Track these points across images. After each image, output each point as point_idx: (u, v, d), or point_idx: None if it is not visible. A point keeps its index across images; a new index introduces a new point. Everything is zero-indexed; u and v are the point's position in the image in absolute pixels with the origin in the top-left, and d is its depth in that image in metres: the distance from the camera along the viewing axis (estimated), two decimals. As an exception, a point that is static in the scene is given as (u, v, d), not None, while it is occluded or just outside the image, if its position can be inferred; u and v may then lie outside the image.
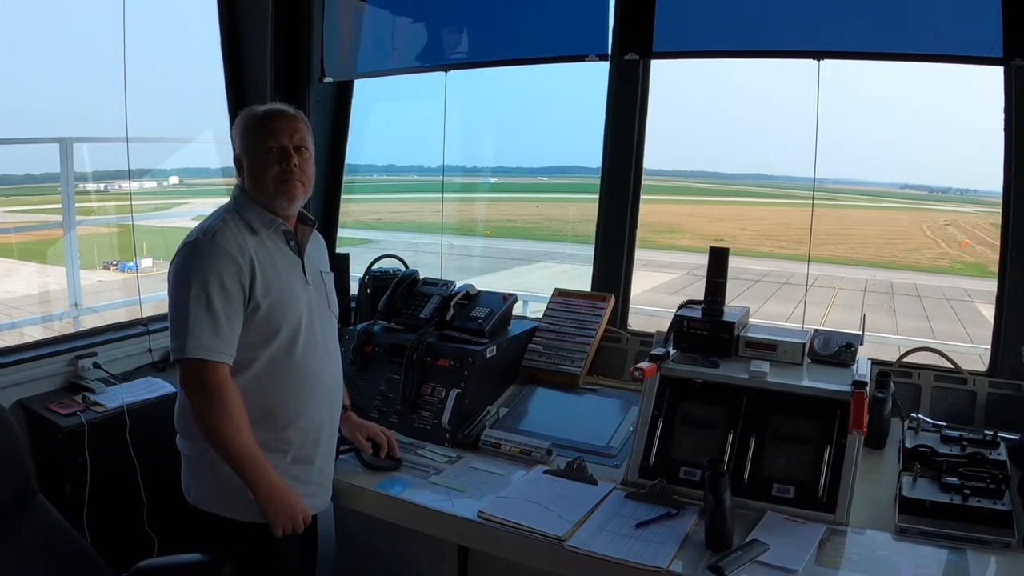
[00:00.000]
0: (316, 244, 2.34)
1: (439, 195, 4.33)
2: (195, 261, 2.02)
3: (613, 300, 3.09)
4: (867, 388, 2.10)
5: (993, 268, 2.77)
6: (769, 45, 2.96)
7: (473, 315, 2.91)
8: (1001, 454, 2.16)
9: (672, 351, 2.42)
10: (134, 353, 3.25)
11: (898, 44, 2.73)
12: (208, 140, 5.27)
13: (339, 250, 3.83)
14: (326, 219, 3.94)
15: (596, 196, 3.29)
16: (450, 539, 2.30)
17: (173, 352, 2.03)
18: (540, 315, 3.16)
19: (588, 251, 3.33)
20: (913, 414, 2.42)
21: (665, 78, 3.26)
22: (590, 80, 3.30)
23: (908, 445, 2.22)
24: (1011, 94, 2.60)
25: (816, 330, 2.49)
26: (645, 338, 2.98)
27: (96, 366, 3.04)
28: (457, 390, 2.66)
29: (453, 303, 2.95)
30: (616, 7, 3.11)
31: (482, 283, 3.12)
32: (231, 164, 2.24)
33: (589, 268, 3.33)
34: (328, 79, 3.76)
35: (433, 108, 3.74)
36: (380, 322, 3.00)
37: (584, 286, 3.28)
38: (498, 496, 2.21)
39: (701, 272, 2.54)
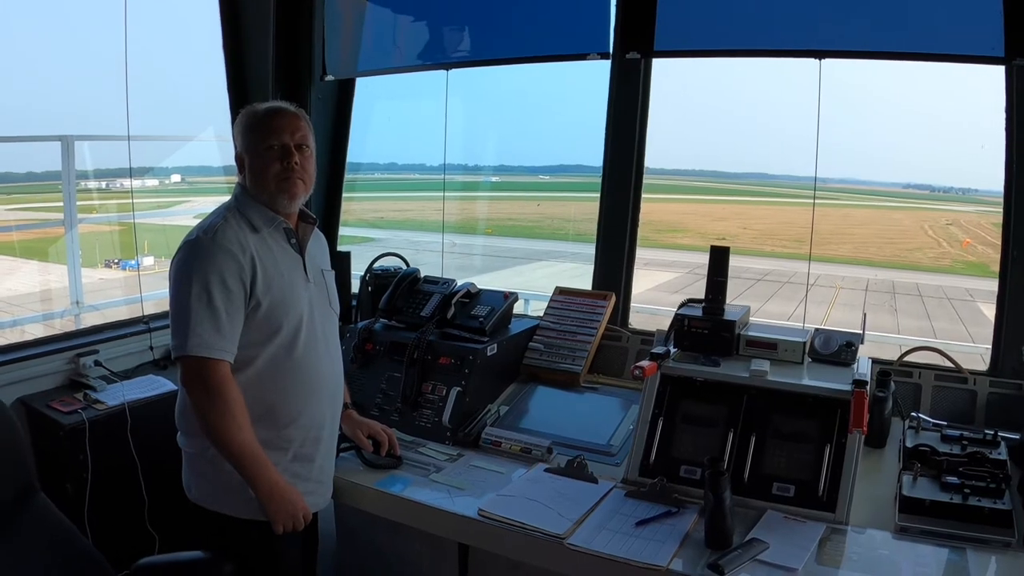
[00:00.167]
0: (317, 242, 2.34)
1: (440, 193, 4.33)
2: (196, 259, 2.02)
3: (614, 299, 3.09)
4: (867, 387, 2.10)
5: (994, 268, 2.77)
6: (770, 44, 2.96)
7: (474, 313, 2.91)
8: (1001, 453, 2.16)
9: (673, 350, 2.42)
10: (135, 351, 3.25)
11: (899, 43, 2.73)
12: (210, 138, 5.27)
13: (340, 248, 3.84)
14: (327, 217, 3.94)
15: (597, 195, 3.28)
16: (451, 537, 2.30)
17: (174, 350, 2.03)
18: (541, 313, 3.16)
19: (590, 250, 3.32)
20: (914, 413, 2.42)
21: (667, 77, 3.26)
22: (592, 78, 3.30)
23: (908, 444, 2.22)
24: (1012, 93, 2.59)
25: (817, 329, 2.49)
26: (646, 337, 2.98)
27: (97, 364, 3.04)
28: (458, 388, 2.66)
29: (454, 301, 2.95)
30: (618, 6, 3.10)
31: (483, 281, 3.12)
32: (233, 162, 2.24)
33: (591, 267, 3.32)
34: (329, 77, 3.76)
35: (434, 106, 3.75)
36: (381, 320, 3.01)
37: (586, 285, 3.27)
38: (499, 494, 2.22)
39: (702, 271, 2.53)
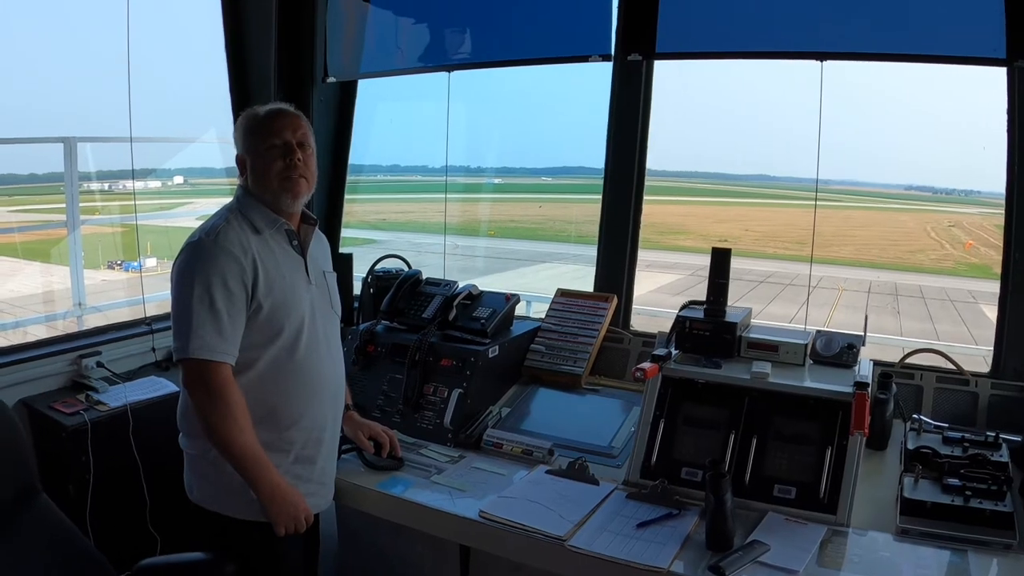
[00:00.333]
0: (319, 244, 2.35)
1: (443, 195, 4.33)
2: (198, 261, 2.03)
3: (615, 300, 3.09)
4: (869, 389, 2.10)
5: (997, 269, 2.76)
6: (772, 46, 2.96)
7: (475, 315, 2.92)
8: (1003, 456, 2.16)
9: (674, 352, 2.42)
10: (137, 352, 3.25)
11: (901, 45, 2.73)
12: (212, 140, 5.29)
13: (343, 250, 3.84)
14: (329, 219, 3.94)
15: (600, 196, 3.28)
16: (452, 539, 2.30)
17: (176, 352, 2.03)
18: (543, 315, 3.16)
19: (592, 252, 3.33)
20: (915, 415, 2.42)
21: (669, 78, 3.26)
22: (594, 80, 3.30)
23: (910, 446, 2.22)
24: (1014, 95, 2.59)
25: (818, 331, 2.49)
26: (647, 338, 2.98)
27: (99, 365, 3.04)
28: (459, 390, 2.66)
29: (456, 303, 2.95)
30: (619, 8, 3.11)
31: (485, 283, 3.12)
32: (235, 164, 2.24)
33: (593, 268, 3.33)
34: (331, 79, 3.77)
35: (437, 108, 3.75)
36: (383, 322, 3.01)
37: (588, 286, 3.27)
38: (500, 496, 2.22)
39: (704, 273, 2.53)
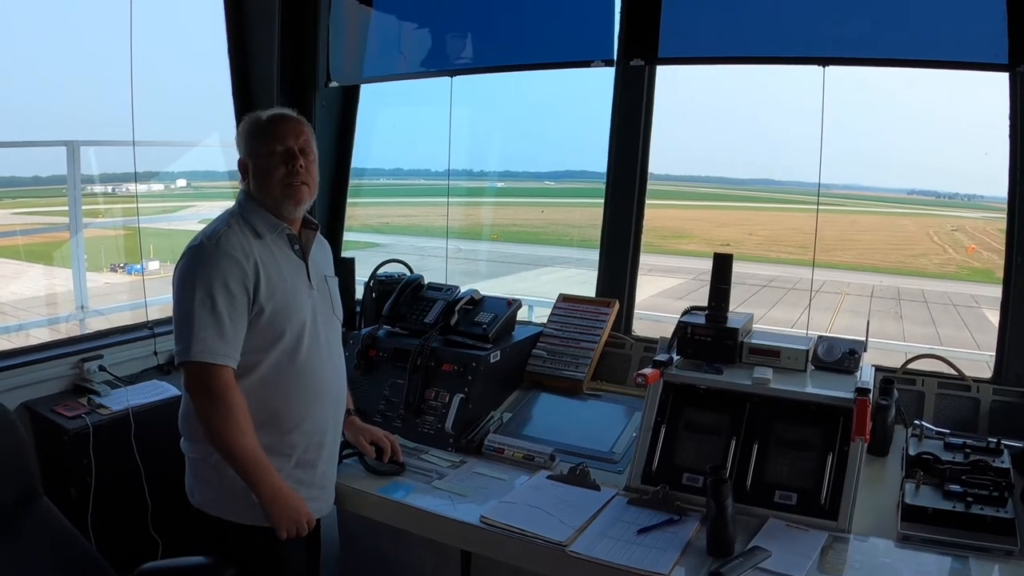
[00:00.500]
0: (320, 248, 2.35)
1: (446, 199, 4.33)
2: (200, 265, 2.03)
3: (617, 305, 3.09)
4: (870, 395, 2.10)
5: (1000, 274, 2.75)
6: (774, 51, 2.96)
7: (477, 320, 2.91)
8: (1004, 462, 2.15)
9: (676, 357, 2.42)
10: (139, 356, 3.26)
11: (903, 50, 2.73)
12: (215, 144, 5.30)
13: (345, 254, 3.84)
14: (332, 223, 3.95)
15: (602, 201, 3.28)
16: (453, 544, 2.29)
17: (177, 355, 2.03)
18: (545, 320, 3.16)
19: (595, 256, 3.33)
20: (917, 421, 2.41)
21: (672, 83, 3.26)
22: (598, 84, 3.30)
23: (911, 452, 2.21)
24: (1016, 100, 2.59)
25: (820, 337, 2.48)
26: (649, 344, 2.98)
27: (101, 369, 3.05)
28: (461, 395, 2.66)
29: (457, 308, 2.94)
30: (622, 13, 3.11)
31: (488, 287, 3.12)
32: (237, 168, 2.24)
33: (596, 273, 3.33)
34: (334, 84, 3.78)
35: (439, 113, 3.76)
36: (384, 327, 3.01)
37: (591, 291, 3.28)
38: (501, 501, 2.21)
39: (707, 277, 2.51)
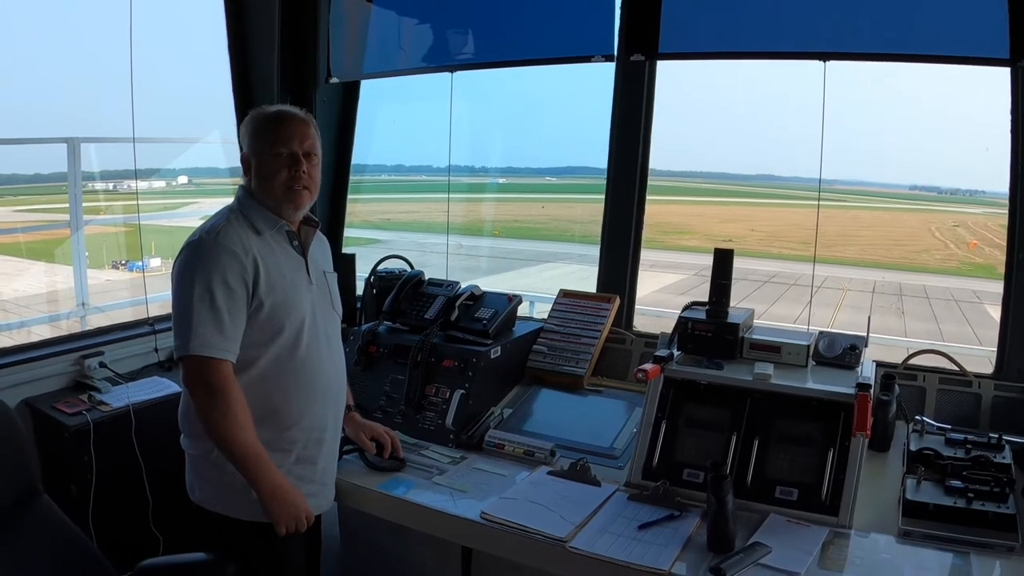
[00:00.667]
0: (319, 244, 2.35)
1: (446, 195, 4.32)
2: (199, 259, 2.03)
3: (618, 301, 3.08)
4: (871, 390, 2.09)
5: (1001, 270, 2.75)
6: (775, 46, 2.95)
7: (478, 316, 2.91)
8: (1006, 457, 2.14)
9: (676, 353, 2.41)
10: (140, 352, 3.26)
11: (904, 45, 2.72)
12: (215, 140, 5.30)
13: (347, 250, 3.84)
14: (332, 219, 3.94)
15: (603, 196, 3.28)
16: (453, 540, 2.30)
17: (176, 350, 2.03)
18: (546, 316, 3.16)
19: (597, 252, 3.32)
20: (918, 417, 2.41)
21: (674, 78, 3.26)
22: (599, 79, 3.29)
23: (912, 448, 2.21)
24: (1018, 95, 2.58)
25: (821, 332, 2.47)
26: (650, 339, 2.97)
27: (102, 365, 3.04)
28: (461, 391, 2.66)
29: (458, 304, 2.93)
30: (622, 8, 3.10)
31: (489, 283, 3.11)
32: (239, 164, 2.23)
33: (597, 268, 3.33)
34: (334, 79, 3.77)
35: (440, 109, 3.75)
36: (385, 322, 3.01)
37: (592, 287, 3.27)
38: (501, 497, 2.21)
39: (708, 273, 2.52)
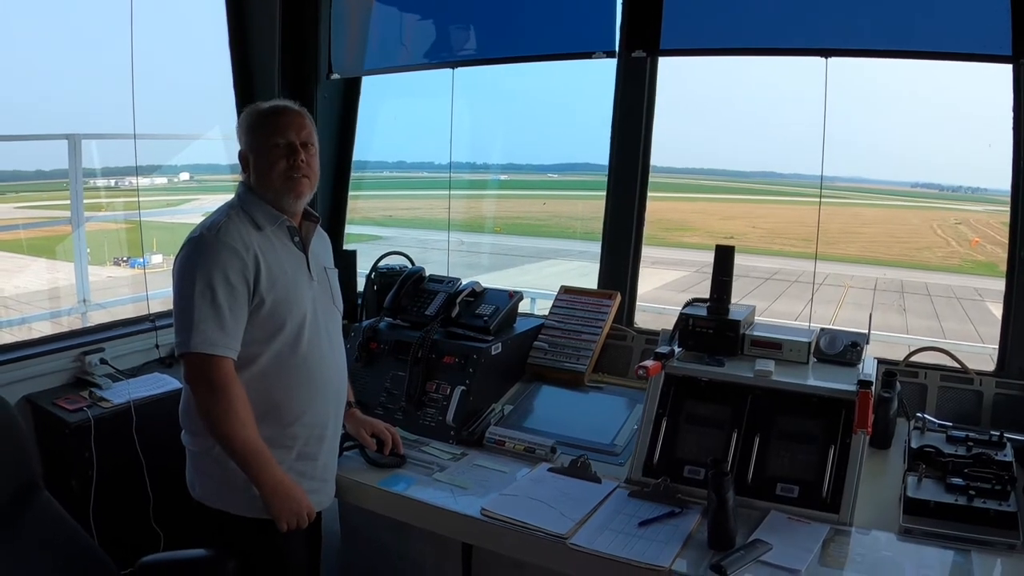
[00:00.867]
0: (320, 240, 2.34)
1: (448, 191, 4.32)
2: (199, 256, 2.02)
3: (619, 298, 3.08)
4: (872, 388, 2.08)
5: (1003, 267, 2.74)
6: (776, 43, 2.95)
7: (479, 312, 2.90)
8: (1007, 455, 2.14)
9: (677, 349, 2.41)
10: (141, 349, 3.26)
11: (906, 41, 2.72)
12: (217, 136, 5.30)
13: (348, 246, 3.84)
14: (334, 215, 3.94)
15: (604, 193, 3.28)
16: (454, 536, 2.29)
17: (177, 347, 2.03)
18: (547, 312, 3.15)
19: (598, 248, 3.32)
20: (919, 414, 2.40)
21: (675, 75, 3.25)
22: (601, 76, 3.29)
23: (913, 445, 2.21)
24: (1020, 92, 2.57)
25: (822, 329, 2.46)
26: (651, 336, 2.97)
27: (103, 362, 3.04)
28: (462, 387, 2.66)
29: (459, 300, 2.93)
30: (624, 4, 3.10)
31: (491, 280, 3.11)
32: (238, 160, 2.23)
33: (598, 265, 3.32)
34: (335, 76, 3.77)
35: (442, 105, 3.75)
36: (386, 319, 3.00)
37: (593, 284, 3.27)
38: (502, 494, 2.21)
39: (710, 270, 2.50)
